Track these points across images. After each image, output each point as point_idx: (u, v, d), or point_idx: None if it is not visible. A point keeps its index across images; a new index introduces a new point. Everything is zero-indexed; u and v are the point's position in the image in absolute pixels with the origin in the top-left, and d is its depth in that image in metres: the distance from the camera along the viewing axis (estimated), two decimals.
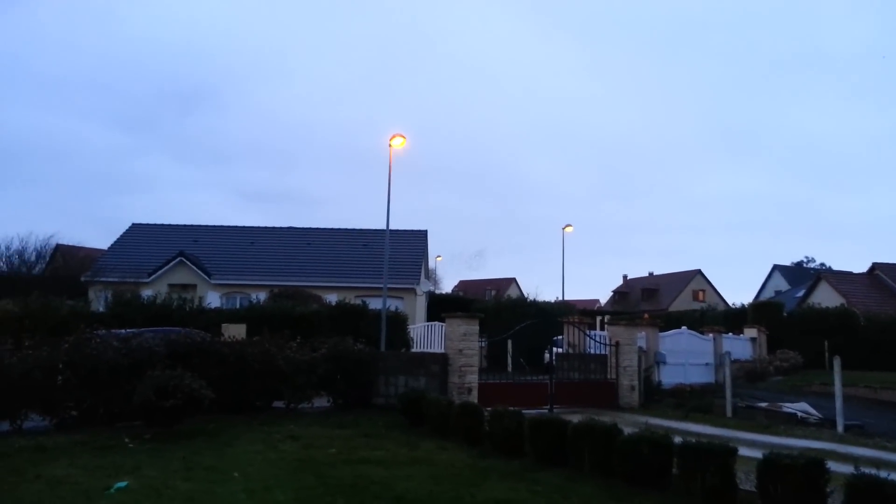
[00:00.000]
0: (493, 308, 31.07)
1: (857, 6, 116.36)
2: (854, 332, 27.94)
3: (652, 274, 79.03)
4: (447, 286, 65.29)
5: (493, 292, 67.00)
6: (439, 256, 57.83)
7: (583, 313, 34.12)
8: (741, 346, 26.16)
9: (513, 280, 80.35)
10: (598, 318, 32.94)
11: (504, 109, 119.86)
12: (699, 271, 72.07)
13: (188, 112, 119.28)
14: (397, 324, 21.79)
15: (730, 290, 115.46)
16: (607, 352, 17.21)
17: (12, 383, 10.77)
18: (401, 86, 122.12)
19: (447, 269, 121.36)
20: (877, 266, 40.68)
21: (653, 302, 69.08)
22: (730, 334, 25.91)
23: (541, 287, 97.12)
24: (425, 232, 37.25)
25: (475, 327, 15.43)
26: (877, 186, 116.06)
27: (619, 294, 77.93)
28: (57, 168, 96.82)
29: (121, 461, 8.62)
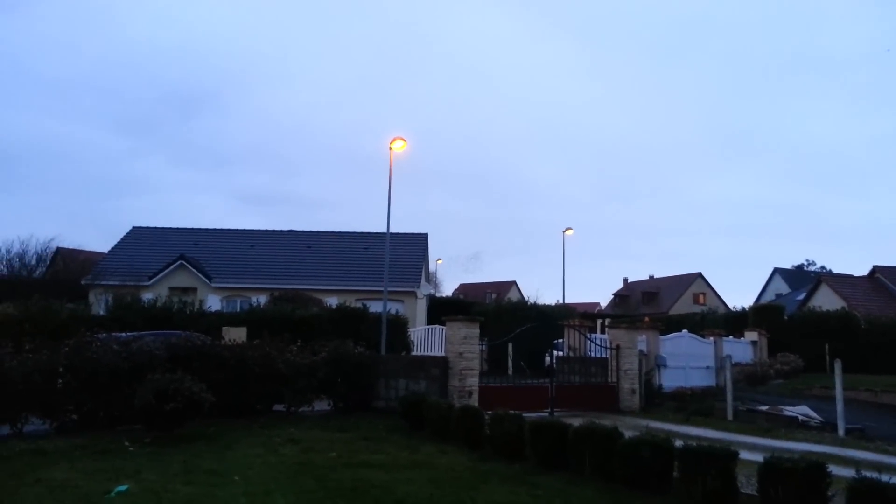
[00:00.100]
0: (493, 311, 31.13)
1: (857, 9, 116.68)
2: (855, 336, 27.91)
3: (652, 277, 79.04)
4: (447, 289, 65.39)
5: (494, 295, 67.00)
6: (440, 260, 57.94)
7: (583, 316, 34.18)
8: (742, 349, 26.14)
9: (513, 283, 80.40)
10: (599, 322, 32.96)
11: (504, 112, 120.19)
12: (700, 274, 72.12)
13: (189, 115, 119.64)
14: (398, 327, 21.80)
15: (730, 294, 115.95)
16: (608, 355, 17.21)
17: (12, 387, 10.78)
18: (401, 89, 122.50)
19: (447, 272, 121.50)
20: (877, 269, 40.65)
21: (653, 305, 69.10)
22: (730, 337, 25.90)
23: (541, 290, 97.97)
24: (426, 235, 37.29)
25: (475, 331, 15.44)
26: (878, 189, 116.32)
27: (620, 297, 77.96)
28: (57, 171, 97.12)
29: (121, 465, 8.61)
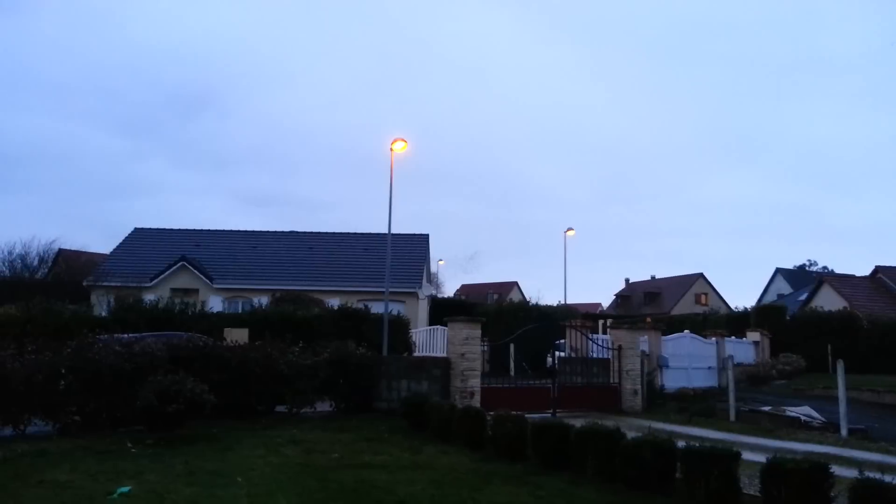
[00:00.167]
0: (495, 312, 31.14)
1: (858, 11, 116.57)
2: (857, 336, 27.86)
3: (654, 277, 78.96)
4: (449, 290, 65.35)
5: (496, 296, 67.07)
6: (441, 260, 57.89)
7: (585, 317, 34.17)
8: (744, 349, 26.12)
9: (515, 284, 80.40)
10: (601, 322, 32.96)
11: (506, 113, 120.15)
12: (702, 275, 72.08)
13: (190, 117, 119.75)
14: (399, 328, 21.80)
15: (732, 294, 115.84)
16: (610, 356, 17.20)
17: (15, 388, 10.80)
18: (402, 90, 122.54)
19: (449, 272, 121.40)
20: (879, 269, 40.57)
21: (655, 305, 69.04)
22: (732, 338, 25.89)
23: (543, 291, 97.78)
24: (427, 236, 37.29)
25: (477, 331, 15.44)
26: (879, 190, 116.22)
27: (622, 298, 77.91)
28: (59, 173, 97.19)
29: (123, 466, 8.62)
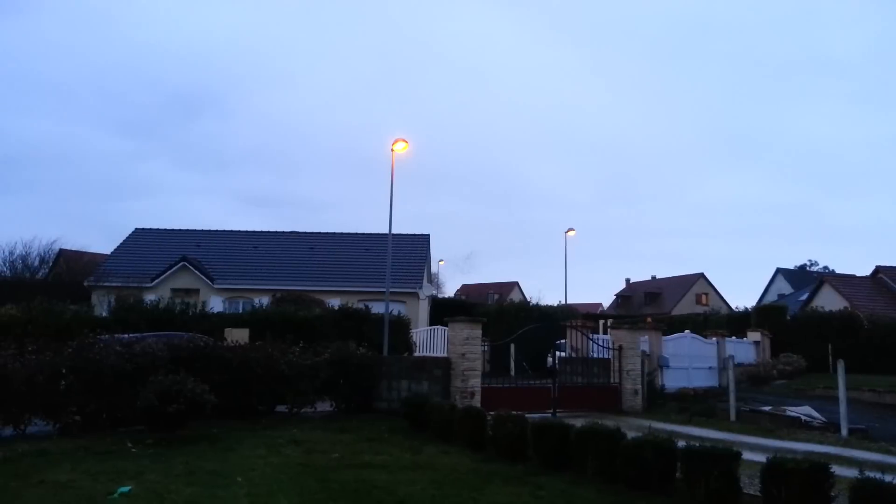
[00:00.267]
0: (495, 312, 31.13)
1: (858, 11, 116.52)
2: (858, 336, 27.84)
3: (655, 278, 78.93)
4: (450, 290, 65.33)
5: (496, 296, 67.03)
6: (442, 261, 57.86)
7: (586, 317, 34.16)
8: (744, 349, 26.11)
9: (515, 284, 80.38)
10: (601, 322, 32.95)
11: (507, 114, 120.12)
12: (702, 275, 72.04)
13: (192, 118, 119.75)
14: (400, 328, 21.81)
15: (733, 294, 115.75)
16: (610, 356, 17.19)
17: (16, 388, 10.81)
18: (403, 90, 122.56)
19: (449, 273, 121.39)
20: (880, 269, 40.54)
21: (656, 306, 69.01)
22: (733, 338, 25.88)
23: (543, 291, 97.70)
24: (428, 236, 37.26)
25: (478, 331, 15.44)
26: (880, 190, 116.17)
27: (622, 298, 77.88)
28: (60, 173, 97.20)
29: (124, 466, 8.63)
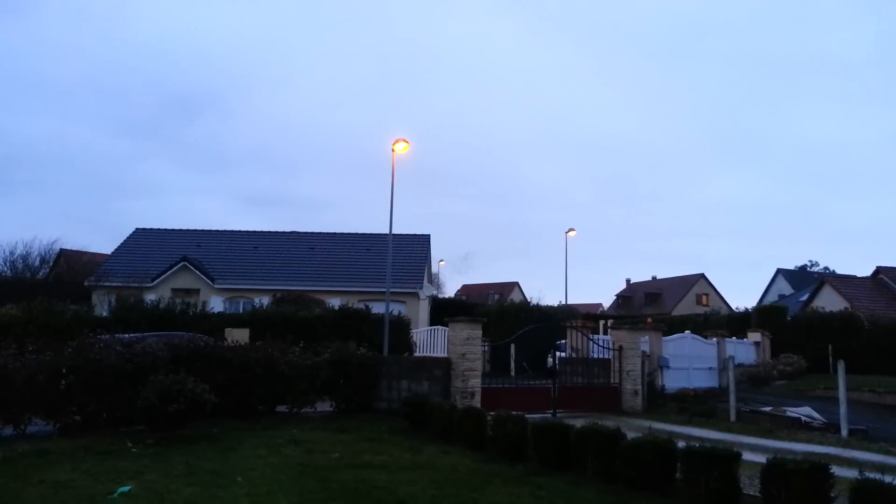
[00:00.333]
0: (496, 312, 31.14)
1: (858, 11, 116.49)
2: (858, 336, 27.84)
3: (655, 278, 78.94)
4: (450, 290, 65.34)
5: (496, 296, 67.03)
6: (442, 261, 57.86)
7: (586, 317, 34.12)
8: (745, 350, 26.11)
9: (516, 284, 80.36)
10: (602, 323, 32.96)
11: (507, 114, 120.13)
12: (702, 275, 72.05)
13: (192, 118, 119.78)
14: (400, 328, 21.80)
15: (733, 295, 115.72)
16: (610, 356, 17.20)
17: (16, 388, 10.82)
18: (403, 91, 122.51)
19: (449, 273, 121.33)
20: (881, 270, 40.52)
21: (656, 306, 69.01)
22: (733, 338, 25.89)
23: (544, 291, 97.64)
24: (428, 236, 37.27)
25: (478, 331, 15.44)
26: (881, 190, 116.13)
27: (623, 298, 77.88)
28: (61, 173, 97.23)
29: (124, 466, 8.63)
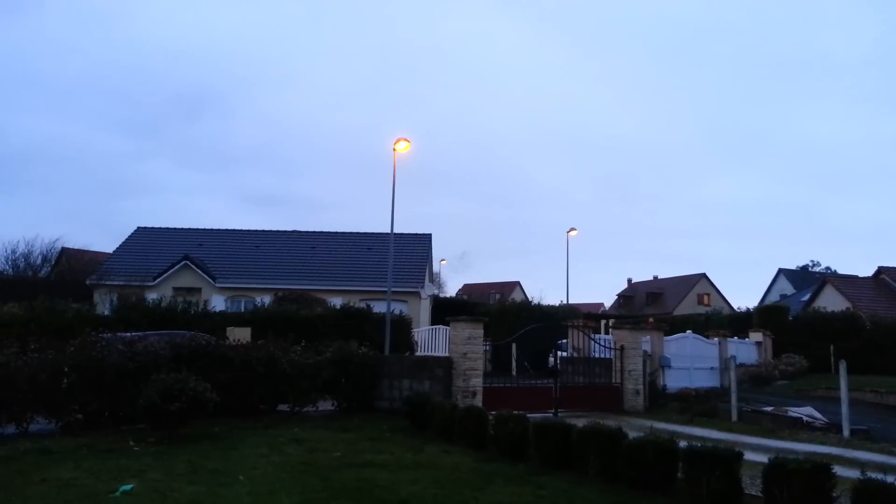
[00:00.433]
0: (497, 312, 31.09)
1: (858, 11, 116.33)
2: (860, 336, 27.79)
3: (657, 278, 78.87)
4: (451, 290, 65.32)
5: (498, 296, 66.96)
6: (443, 260, 57.88)
7: (587, 317, 34.14)
8: (746, 350, 26.08)
9: (517, 283, 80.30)
10: (603, 322, 33.00)
11: (508, 114, 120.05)
12: (704, 275, 71.97)
13: (193, 117, 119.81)
14: (401, 327, 21.80)
15: (735, 294, 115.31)
16: (612, 356, 17.18)
17: (18, 387, 10.84)
18: (405, 91, 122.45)
19: (451, 272, 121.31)
20: (883, 270, 40.46)
21: (658, 306, 68.96)
22: (735, 338, 25.84)
23: (545, 291, 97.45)
24: (429, 236, 37.27)
25: (479, 331, 15.43)
26: (882, 190, 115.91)
27: (624, 298, 77.83)
28: (63, 172, 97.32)
29: (126, 464, 8.65)
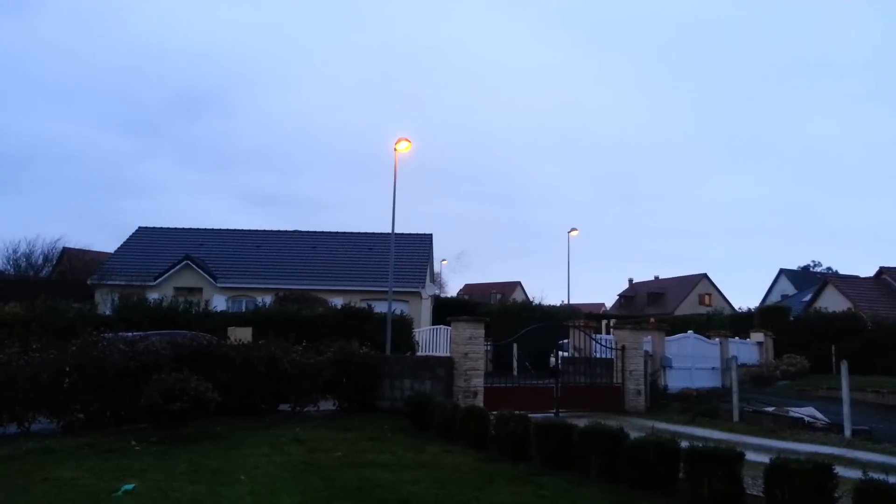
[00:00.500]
0: (498, 312, 31.09)
1: (859, 11, 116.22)
2: (861, 337, 27.78)
3: (658, 278, 78.84)
4: (452, 290, 65.28)
5: (499, 296, 66.97)
6: (444, 260, 57.84)
7: (588, 317, 34.10)
8: (748, 350, 26.07)
9: (518, 284, 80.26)
10: (604, 322, 32.96)
11: (509, 114, 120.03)
12: (705, 275, 71.94)
13: (195, 117, 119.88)
14: (403, 327, 21.80)
15: (736, 295, 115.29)
16: (613, 356, 17.18)
17: (20, 386, 10.85)
18: (406, 91, 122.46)
19: (452, 272, 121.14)
20: (884, 270, 40.40)
21: (659, 306, 68.92)
22: (736, 338, 25.83)
23: (546, 291, 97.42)
24: (430, 236, 37.27)
25: (480, 331, 15.42)
26: (883, 190, 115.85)
27: (625, 298, 77.81)
28: (64, 172, 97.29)
29: (127, 464, 8.65)
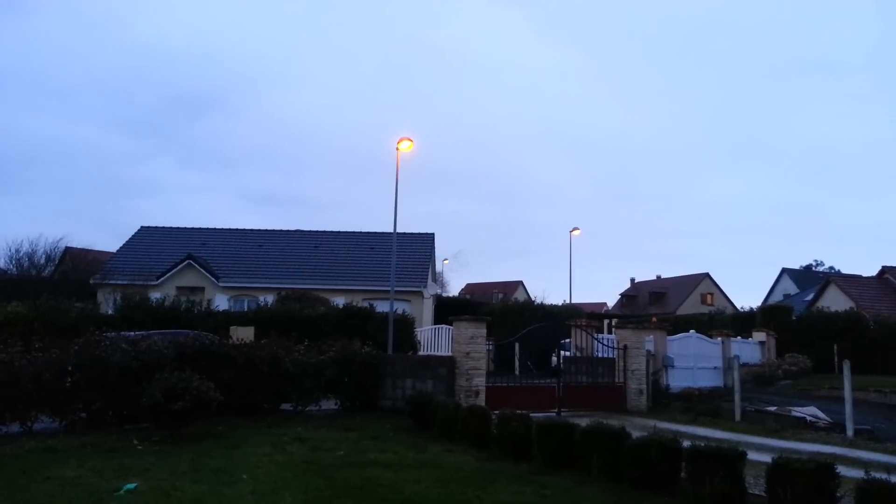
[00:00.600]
0: (500, 311, 31.09)
1: (861, 11, 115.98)
2: (863, 336, 27.73)
3: (660, 277, 78.80)
4: (454, 289, 65.33)
5: (500, 295, 66.99)
6: (446, 260, 57.84)
7: (590, 317, 34.09)
8: (750, 349, 26.04)
9: (520, 283, 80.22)
10: (606, 322, 32.98)
11: (511, 114, 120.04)
12: (707, 275, 71.87)
13: (197, 117, 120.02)
14: (404, 327, 21.79)
15: (738, 294, 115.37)
16: (615, 355, 17.17)
17: (22, 385, 10.87)
18: (408, 91, 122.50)
19: (454, 272, 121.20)
20: (886, 269, 40.30)
21: (661, 305, 68.88)
22: (738, 338, 25.80)
23: (548, 290, 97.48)
24: (432, 235, 37.27)
25: (482, 330, 15.42)
26: (885, 190, 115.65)
27: (627, 297, 77.77)
28: (66, 172, 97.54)
29: (129, 463, 8.67)
